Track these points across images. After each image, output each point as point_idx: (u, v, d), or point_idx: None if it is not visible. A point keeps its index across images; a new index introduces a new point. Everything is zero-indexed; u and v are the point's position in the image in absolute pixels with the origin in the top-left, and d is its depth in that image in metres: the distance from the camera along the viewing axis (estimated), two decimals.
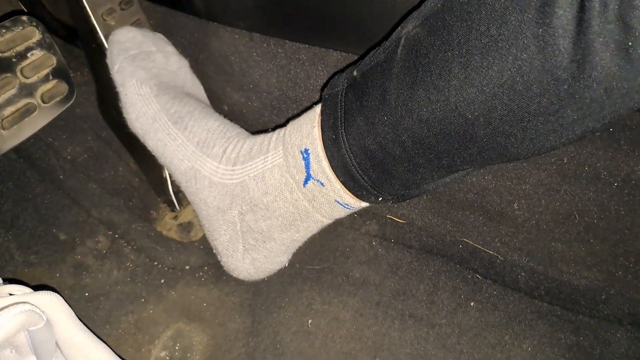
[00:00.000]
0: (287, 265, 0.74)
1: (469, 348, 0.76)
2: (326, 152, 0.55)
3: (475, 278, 0.83)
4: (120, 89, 0.73)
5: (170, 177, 0.81)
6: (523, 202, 0.78)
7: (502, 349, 0.76)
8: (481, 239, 0.85)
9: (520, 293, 0.82)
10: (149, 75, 0.72)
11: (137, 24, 0.79)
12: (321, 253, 0.83)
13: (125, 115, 0.73)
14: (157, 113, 0.70)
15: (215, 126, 0.69)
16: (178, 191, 0.83)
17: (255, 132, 0.69)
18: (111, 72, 0.74)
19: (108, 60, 0.74)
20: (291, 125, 0.62)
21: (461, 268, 0.84)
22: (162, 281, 0.78)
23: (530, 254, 0.83)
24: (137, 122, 0.71)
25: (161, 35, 0.80)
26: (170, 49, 0.79)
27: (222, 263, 0.73)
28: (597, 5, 0.33)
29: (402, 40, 0.49)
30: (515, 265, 0.84)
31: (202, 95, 0.81)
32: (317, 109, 0.59)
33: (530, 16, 0.36)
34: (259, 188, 0.63)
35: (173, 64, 0.77)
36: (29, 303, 0.53)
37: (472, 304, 0.80)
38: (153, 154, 0.73)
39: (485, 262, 0.85)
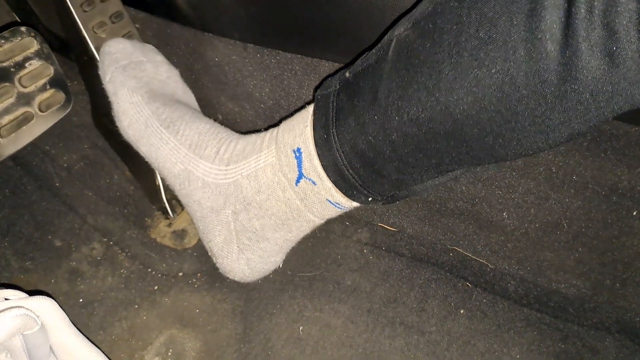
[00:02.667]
0: (281, 266, 0.74)
1: (458, 355, 0.76)
2: (317, 151, 0.56)
3: (465, 286, 0.84)
4: (112, 98, 0.74)
5: (163, 184, 0.82)
6: (513, 211, 0.79)
7: (491, 357, 0.77)
8: (471, 248, 0.86)
9: (509, 301, 0.82)
10: (139, 84, 0.73)
11: (127, 36, 0.80)
12: (313, 260, 0.84)
13: (117, 123, 0.74)
14: (148, 119, 0.71)
15: (207, 128, 0.70)
16: (171, 199, 0.84)
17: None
18: (103, 83, 0.75)
19: (100, 71, 0.75)
20: (284, 125, 0.62)
21: (451, 276, 0.85)
22: (156, 288, 0.79)
23: (519, 262, 0.84)
24: (130, 129, 0.72)
25: (151, 46, 0.81)
26: (160, 58, 0.80)
27: (217, 265, 0.74)
28: (583, 11, 0.34)
29: (393, 42, 0.50)
30: (505, 273, 0.85)
31: (193, 102, 0.82)
32: (310, 108, 0.60)
33: (518, 21, 0.38)
34: (252, 187, 0.63)
35: (163, 73, 0.78)
36: (24, 307, 0.54)
37: (462, 311, 0.80)
38: (146, 159, 0.73)
39: (476, 270, 0.86)
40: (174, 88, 0.78)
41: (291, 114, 0.65)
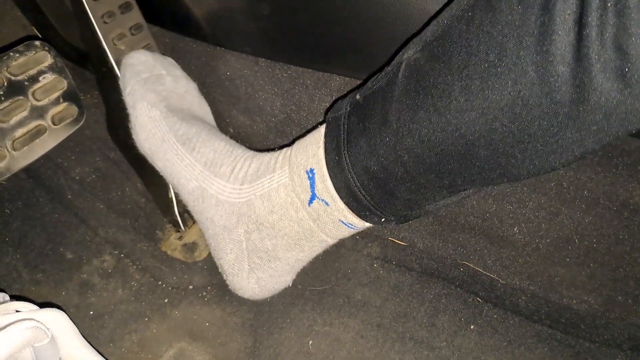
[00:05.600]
0: (290, 285, 0.74)
1: None
2: (330, 173, 0.56)
3: (475, 301, 0.83)
4: (130, 110, 0.74)
5: (175, 197, 0.82)
6: (523, 226, 0.79)
7: None
8: (482, 263, 0.85)
9: (520, 317, 0.82)
10: (159, 98, 0.74)
11: (146, 48, 0.81)
12: (323, 274, 0.84)
13: (134, 136, 0.74)
14: (166, 134, 0.71)
15: (222, 146, 0.70)
16: (183, 212, 0.84)
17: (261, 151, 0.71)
18: (123, 94, 0.75)
19: (120, 83, 0.76)
20: (297, 145, 0.63)
21: (462, 291, 0.84)
22: (166, 300, 0.79)
23: (530, 277, 0.83)
24: (146, 143, 0.73)
25: (171, 59, 0.81)
26: (179, 72, 0.81)
27: (227, 282, 0.74)
28: (594, 33, 0.34)
29: (403, 65, 0.50)
30: (515, 289, 0.85)
31: (209, 116, 0.82)
32: (322, 129, 0.60)
33: (528, 43, 0.38)
34: (265, 207, 0.64)
35: (181, 87, 0.79)
36: (34, 320, 0.54)
37: (472, 327, 0.80)
38: (161, 174, 0.74)
39: (486, 285, 0.85)
40: (191, 102, 0.79)
41: (303, 130, 0.66)
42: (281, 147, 0.67)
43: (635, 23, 0.33)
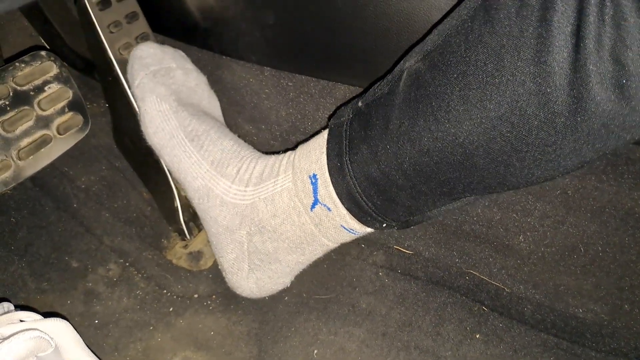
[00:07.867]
0: (289, 286, 0.75)
1: None
2: (332, 179, 0.57)
3: (481, 310, 0.83)
4: (139, 103, 0.74)
5: (181, 206, 0.82)
6: (529, 234, 0.79)
7: None
8: (487, 271, 0.85)
9: (526, 326, 0.82)
10: (168, 92, 0.74)
11: None
12: (328, 283, 0.84)
13: (143, 129, 0.74)
14: (174, 130, 0.71)
15: (230, 146, 0.70)
16: (189, 220, 0.84)
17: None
18: (131, 87, 0.75)
19: (128, 75, 0.76)
20: (300, 150, 0.63)
21: (467, 300, 0.84)
22: (171, 309, 0.79)
23: (536, 286, 0.83)
24: (155, 137, 0.73)
25: (181, 52, 0.81)
26: (189, 65, 0.80)
27: (226, 280, 0.75)
28: (591, 46, 0.35)
29: (404, 73, 0.51)
30: (521, 297, 0.84)
31: (218, 111, 0.82)
32: (325, 134, 0.61)
33: (526, 55, 0.38)
34: (268, 210, 0.64)
35: (192, 81, 0.79)
36: (38, 329, 0.54)
37: (477, 336, 0.80)
38: (167, 168, 0.74)
39: (492, 294, 0.85)
40: (201, 96, 0.79)
41: (307, 137, 0.66)
42: (285, 151, 0.67)
43: (633, 35, 0.33)
